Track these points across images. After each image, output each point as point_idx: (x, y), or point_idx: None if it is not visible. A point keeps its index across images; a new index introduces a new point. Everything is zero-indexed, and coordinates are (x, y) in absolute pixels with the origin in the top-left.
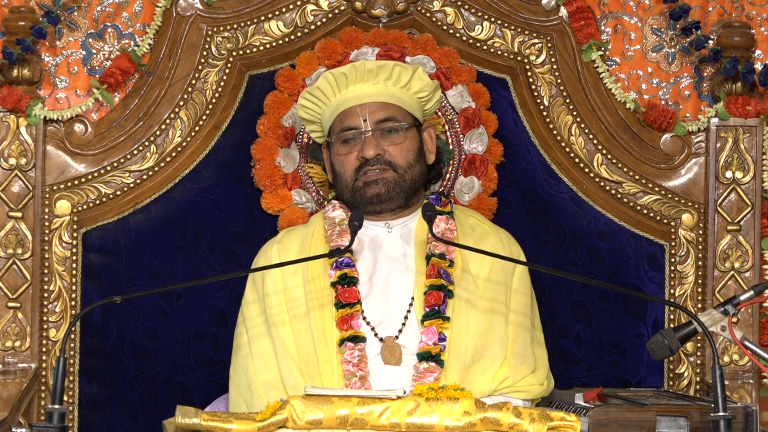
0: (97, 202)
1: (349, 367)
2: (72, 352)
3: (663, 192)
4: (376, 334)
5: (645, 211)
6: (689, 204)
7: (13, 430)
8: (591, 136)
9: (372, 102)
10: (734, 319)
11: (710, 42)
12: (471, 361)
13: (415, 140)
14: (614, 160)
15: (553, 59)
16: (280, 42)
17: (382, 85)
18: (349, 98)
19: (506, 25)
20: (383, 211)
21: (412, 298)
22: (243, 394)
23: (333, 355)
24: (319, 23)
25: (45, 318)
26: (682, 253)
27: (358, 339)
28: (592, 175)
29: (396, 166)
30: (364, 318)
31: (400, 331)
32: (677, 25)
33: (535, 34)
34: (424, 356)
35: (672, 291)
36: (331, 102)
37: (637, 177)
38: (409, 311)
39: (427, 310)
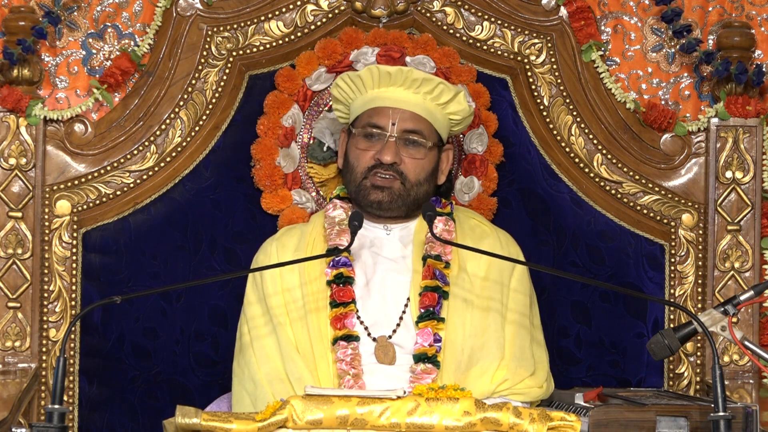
0: (97, 202)
1: (342, 366)
2: (72, 352)
3: (663, 192)
4: (369, 334)
5: (645, 211)
6: (689, 204)
7: (13, 430)
8: (591, 136)
9: (406, 110)
10: (734, 319)
11: (702, 44)
12: (468, 361)
13: (432, 161)
14: (614, 160)
15: (553, 59)
16: (280, 42)
17: (421, 97)
18: (385, 97)
19: (506, 25)
20: (382, 217)
21: (408, 298)
22: (246, 387)
23: (327, 353)
24: (319, 23)
25: (45, 318)
26: (682, 253)
27: (351, 338)
28: (592, 175)
29: (405, 179)
30: (359, 317)
31: (395, 330)
32: (670, 27)
33: (535, 34)
34: (420, 358)
35: (672, 291)
36: (367, 94)
37: (637, 177)
38: (404, 311)
39: (422, 311)
